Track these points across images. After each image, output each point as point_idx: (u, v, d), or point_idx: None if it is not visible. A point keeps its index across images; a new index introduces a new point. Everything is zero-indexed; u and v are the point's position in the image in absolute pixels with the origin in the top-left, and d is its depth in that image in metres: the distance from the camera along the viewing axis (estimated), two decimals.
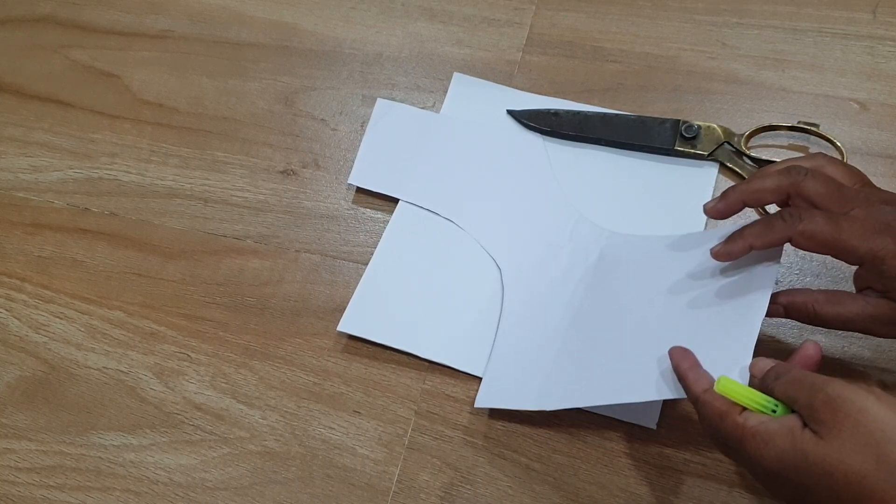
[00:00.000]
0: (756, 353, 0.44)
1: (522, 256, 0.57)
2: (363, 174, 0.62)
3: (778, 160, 0.57)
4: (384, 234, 0.60)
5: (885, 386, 0.50)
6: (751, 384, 0.44)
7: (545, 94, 0.63)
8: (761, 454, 0.39)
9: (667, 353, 0.46)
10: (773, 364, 0.42)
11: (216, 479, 0.54)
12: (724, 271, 0.49)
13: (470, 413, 0.54)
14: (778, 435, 0.39)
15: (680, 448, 0.51)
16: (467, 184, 0.61)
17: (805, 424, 0.39)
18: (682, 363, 0.45)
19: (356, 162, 0.63)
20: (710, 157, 0.58)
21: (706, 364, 0.45)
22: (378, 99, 0.65)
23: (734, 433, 0.41)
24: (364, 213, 0.62)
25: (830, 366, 0.51)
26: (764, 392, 0.41)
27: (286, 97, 0.67)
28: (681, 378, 0.45)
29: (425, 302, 0.57)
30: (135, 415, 0.57)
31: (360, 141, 0.63)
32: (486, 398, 0.53)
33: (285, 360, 0.57)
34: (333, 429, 0.54)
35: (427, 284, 0.57)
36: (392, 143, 0.63)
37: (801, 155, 0.58)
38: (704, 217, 0.56)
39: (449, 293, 0.57)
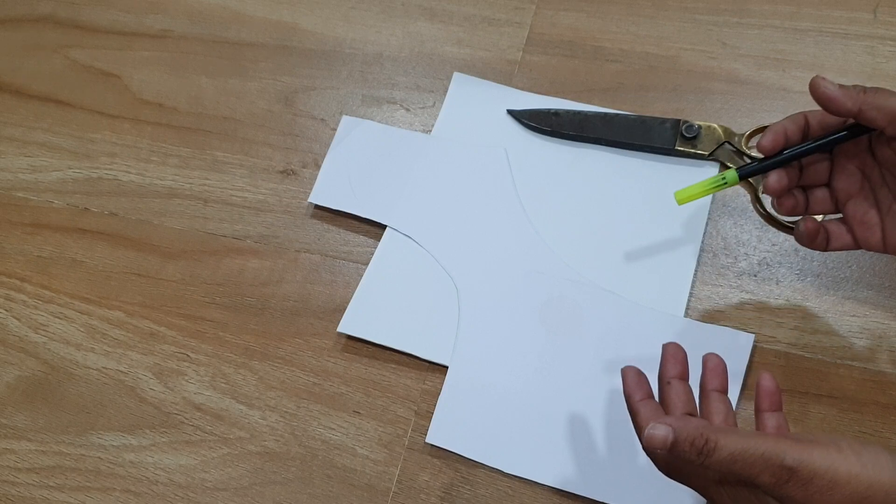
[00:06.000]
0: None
1: (480, 276, 0.57)
2: (325, 192, 0.61)
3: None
4: (384, 235, 0.60)
5: None
6: (655, 456, 0.40)
7: (545, 94, 0.63)
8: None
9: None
10: (672, 429, 0.37)
11: (216, 479, 0.54)
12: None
13: None
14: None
15: None
16: (428, 202, 0.60)
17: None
18: (634, 394, 0.42)
19: (318, 180, 0.62)
20: (711, 156, 0.58)
21: None
22: (343, 116, 0.64)
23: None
24: None
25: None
26: (699, 467, 0.37)
27: (286, 97, 0.67)
28: (632, 412, 0.42)
29: (425, 302, 0.57)
30: (134, 415, 0.57)
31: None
32: (439, 435, 0.52)
33: (285, 360, 0.57)
34: (333, 429, 0.54)
35: (427, 285, 0.57)
36: (356, 160, 0.62)
37: None
38: (705, 218, 0.57)
39: (449, 293, 0.57)
